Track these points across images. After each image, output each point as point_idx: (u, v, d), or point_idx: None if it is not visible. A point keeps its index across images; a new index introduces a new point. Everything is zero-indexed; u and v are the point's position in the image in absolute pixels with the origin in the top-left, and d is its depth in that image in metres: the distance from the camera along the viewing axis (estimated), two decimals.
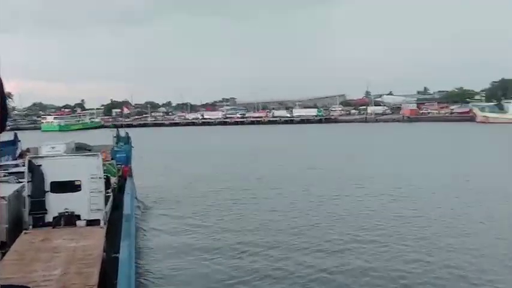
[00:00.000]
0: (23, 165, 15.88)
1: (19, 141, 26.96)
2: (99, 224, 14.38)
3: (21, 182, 15.16)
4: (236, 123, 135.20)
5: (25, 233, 13.42)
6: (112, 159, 23.66)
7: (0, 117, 3.55)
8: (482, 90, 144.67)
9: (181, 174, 38.15)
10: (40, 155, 17.85)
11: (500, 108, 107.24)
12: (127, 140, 29.89)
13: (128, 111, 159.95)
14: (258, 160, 47.09)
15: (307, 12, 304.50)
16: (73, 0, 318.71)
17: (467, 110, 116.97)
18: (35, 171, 14.47)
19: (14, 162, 21.20)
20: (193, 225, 22.33)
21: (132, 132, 34.41)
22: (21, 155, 23.26)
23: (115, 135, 30.29)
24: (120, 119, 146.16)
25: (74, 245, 12.32)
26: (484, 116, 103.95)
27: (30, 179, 14.38)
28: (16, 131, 31.19)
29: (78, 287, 9.64)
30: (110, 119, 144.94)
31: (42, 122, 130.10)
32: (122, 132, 31.55)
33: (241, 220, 23.02)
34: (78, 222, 14.32)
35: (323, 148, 59.41)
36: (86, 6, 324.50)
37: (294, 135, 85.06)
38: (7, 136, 23.79)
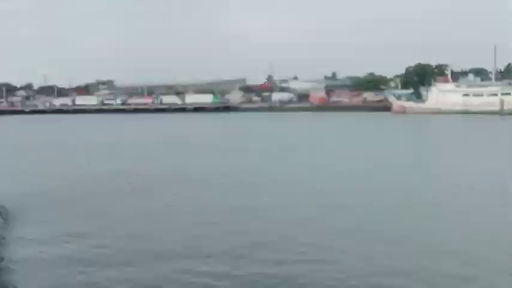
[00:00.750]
0: None
1: None
2: None
3: None
4: (116, 110, 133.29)
5: None
6: None
7: None
8: (396, 76, 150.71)
9: (48, 175, 36.87)
10: None
11: (418, 97, 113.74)
12: None
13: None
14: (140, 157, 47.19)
15: None
16: None
17: (382, 98, 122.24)
18: None
19: None
20: (67, 233, 21.07)
21: None
22: None
23: None
24: None
25: None
26: (400, 106, 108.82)
27: None
28: None
29: None
30: None
31: None
32: None
33: (120, 225, 22.48)
34: None
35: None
36: None
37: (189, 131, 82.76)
38: None
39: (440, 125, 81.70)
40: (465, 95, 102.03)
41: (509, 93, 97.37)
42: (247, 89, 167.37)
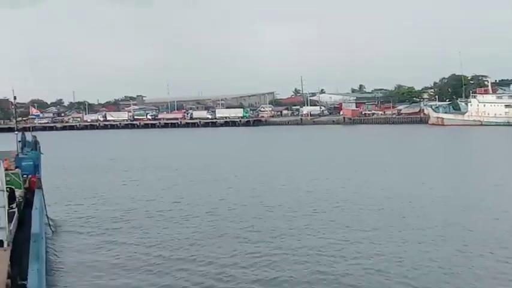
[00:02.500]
0: None
1: None
2: (2, 245, 14.28)
3: None
4: (147, 126, 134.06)
5: None
6: (17, 167, 23.40)
7: None
8: (426, 88, 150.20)
9: (95, 189, 37.48)
10: None
11: (455, 108, 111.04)
12: (35, 145, 29.42)
13: (38, 113, 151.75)
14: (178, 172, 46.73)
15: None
16: None
17: (417, 110, 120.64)
18: None
19: None
20: (111, 242, 22.80)
21: (11, 137, 33.48)
22: None
23: (20, 139, 30.09)
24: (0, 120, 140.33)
25: None
26: (438, 118, 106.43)
27: None
28: None
29: None
30: None
31: None
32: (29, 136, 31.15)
33: (162, 235, 23.51)
34: None
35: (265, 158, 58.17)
36: None
37: (221, 144, 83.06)
38: None
39: (484, 137, 78.94)
40: (507, 106, 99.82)
41: None
42: (277, 103, 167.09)
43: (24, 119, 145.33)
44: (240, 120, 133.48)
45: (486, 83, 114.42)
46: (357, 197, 31.31)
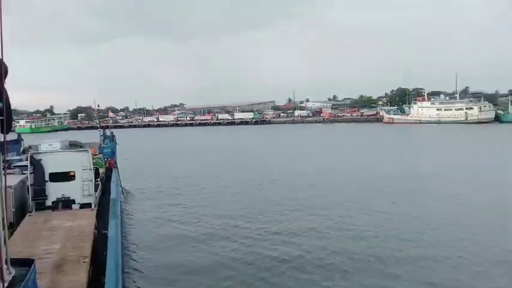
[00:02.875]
0: (26, 160, 15.88)
1: (22, 140, 27.09)
2: (90, 206, 14.67)
3: (24, 174, 15.03)
4: (186, 124, 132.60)
5: (29, 216, 13.62)
6: (100, 153, 23.74)
7: (6, 121, 3.40)
8: (380, 97, 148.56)
9: (157, 167, 37.73)
10: (40, 151, 17.54)
11: (402, 111, 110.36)
12: (112, 138, 30.13)
13: (114, 116, 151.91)
14: (222, 155, 46.24)
15: (235, 37, 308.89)
16: (46, 23, 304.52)
17: (374, 112, 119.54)
18: (36, 165, 14.61)
19: (18, 157, 20.91)
20: (169, 205, 22.92)
21: (96, 133, 33.85)
22: (24, 151, 23.21)
23: (102, 134, 30.50)
24: (85, 121, 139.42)
25: (70, 224, 12.40)
26: (389, 118, 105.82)
27: (32, 171, 14.49)
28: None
29: (74, 258, 9.57)
30: (76, 122, 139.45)
31: (16, 126, 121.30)
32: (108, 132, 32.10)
33: (213, 204, 22.90)
34: (73, 206, 14.63)
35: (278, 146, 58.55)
36: (57, 27, 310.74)
37: (241, 136, 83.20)
38: (11, 136, 23.82)
39: (423, 131, 79.04)
40: (438, 109, 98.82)
41: (471, 108, 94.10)
42: (276, 108, 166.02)
43: (102, 120, 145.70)
44: (251, 120, 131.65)
45: (423, 93, 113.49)
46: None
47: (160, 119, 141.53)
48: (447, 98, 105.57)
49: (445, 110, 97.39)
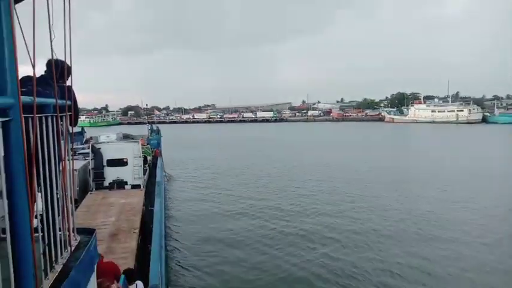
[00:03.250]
0: (88, 148, 16.23)
1: (85, 132, 28.02)
2: (140, 187, 15.11)
3: (86, 160, 15.46)
4: (217, 121, 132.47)
5: (90, 194, 14.20)
6: (148, 144, 24.25)
7: (74, 116, 3.31)
8: (381, 100, 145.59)
9: (196, 156, 37.72)
10: (99, 142, 18.55)
11: (401, 112, 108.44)
12: (158, 131, 30.95)
13: (159, 113, 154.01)
14: (252, 146, 45.95)
15: (258, 48, 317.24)
16: (102, 36, 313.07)
17: (377, 113, 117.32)
18: (96, 152, 15.06)
19: (82, 146, 21.40)
20: (205, 188, 22.98)
21: (143, 127, 34.21)
22: (86, 141, 23.79)
23: (149, 128, 31.79)
24: (134, 118, 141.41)
25: (123, 201, 12.82)
26: (390, 118, 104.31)
27: (93, 158, 14.94)
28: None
29: (126, 229, 9.84)
30: (127, 119, 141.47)
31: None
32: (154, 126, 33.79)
33: (247, 188, 22.59)
34: (126, 186, 15.02)
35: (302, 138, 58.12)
36: (111, 40, 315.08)
37: (266, 130, 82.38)
38: (76, 129, 23.15)
39: (418, 129, 77.10)
40: (433, 111, 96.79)
41: (462, 110, 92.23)
42: (292, 108, 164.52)
43: (148, 116, 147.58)
44: (271, 119, 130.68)
45: (420, 97, 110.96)
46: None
47: (195, 117, 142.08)
48: (440, 102, 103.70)
49: (438, 111, 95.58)
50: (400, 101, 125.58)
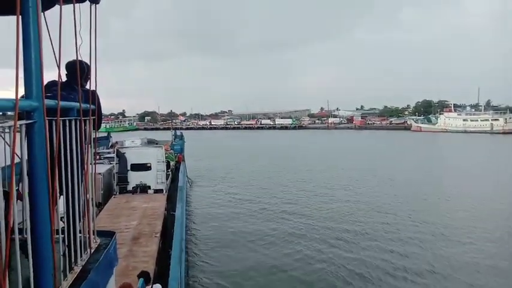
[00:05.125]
0: (113, 153, 16.89)
1: (111, 137, 29.10)
2: (162, 192, 15.41)
3: (111, 164, 16.02)
4: (234, 128, 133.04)
5: (114, 197, 14.66)
6: (171, 149, 24.85)
7: (98, 120, 3.50)
8: (403, 108, 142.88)
9: (217, 162, 38.00)
10: (124, 146, 19.34)
11: (429, 121, 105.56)
12: (181, 137, 31.91)
13: (183, 119, 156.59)
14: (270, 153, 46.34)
15: (275, 55, 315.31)
16: (121, 41, 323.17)
17: (402, 121, 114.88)
18: (121, 157, 15.57)
19: (107, 150, 22.34)
20: (226, 193, 23.39)
21: (158, 133, 34.94)
22: (112, 146, 24.83)
23: (173, 134, 33.10)
24: (151, 123, 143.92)
25: (146, 206, 13.14)
26: (418, 126, 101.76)
27: (117, 162, 15.45)
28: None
29: (148, 233, 10.09)
30: (143, 124, 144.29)
31: None
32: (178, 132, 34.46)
33: (264, 192, 23.20)
34: (149, 191, 15.37)
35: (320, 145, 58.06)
36: (129, 46, 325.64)
37: (285, 137, 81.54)
38: (102, 134, 26.17)
39: (450, 139, 73.30)
40: (464, 120, 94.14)
41: (497, 119, 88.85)
42: (311, 115, 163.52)
43: (164, 122, 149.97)
44: (290, 126, 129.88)
45: (449, 105, 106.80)
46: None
47: (212, 123, 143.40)
48: (473, 110, 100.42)
49: (471, 120, 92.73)
50: (426, 109, 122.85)
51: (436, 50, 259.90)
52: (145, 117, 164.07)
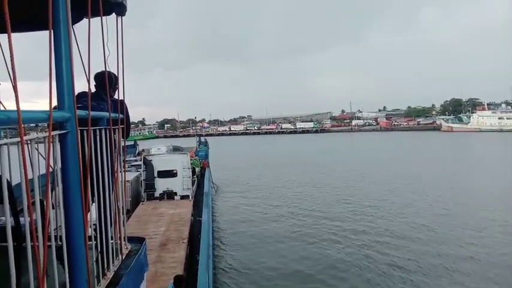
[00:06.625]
0: (140, 160, 17.43)
1: (137, 145, 30.04)
2: (188, 198, 15.90)
3: (138, 171, 16.55)
4: (254, 133, 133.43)
5: (142, 204, 15.19)
6: (196, 156, 25.57)
7: (126, 129, 3.63)
8: (428, 107, 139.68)
9: (241, 169, 38.02)
10: (151, 154, 20.00)
11: (460, 120, 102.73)
12: (205, 143, 32.76)
13: (205, 125, 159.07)
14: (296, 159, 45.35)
15: (295, 58, 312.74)
16: (140, 52, 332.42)
17: (431, 121, 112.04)
18: (148, 164, 16.13)
19: (134, 158, 22.99)
20: (252, 198, 23.67)
21: (179, 140, 35.21)
22: (139, 154, 25.55)
23: (197, 140, 34.26)
24: (170, 131, 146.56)
25: (173, 212, 13.56)
26: (448, 126, 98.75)
27: (144, 169, 16.00)
28: None
29: (175, 239, 10.38)
30: (163, 132, 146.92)
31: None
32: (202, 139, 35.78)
33: (290, 200, 23.01)
34: (175, 197, 15.86)
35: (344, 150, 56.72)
36: (149, 57, 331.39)
37: (305, 142, 79.99)
38: (129, 142, 25.90)
39: (486, 138, 69.18)
40: (500, 118, 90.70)
41: None
42: (333, 118, 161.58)
43: (184, 129, 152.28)
44: (312, 129, 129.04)
45: (482, 103, 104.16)
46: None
47: (232, 129, 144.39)
48: (509, 107, 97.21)
49: (507, 118, 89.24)
50: (456, 108, 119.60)
51: (456, 50, 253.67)
52: (165, 125, 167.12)
